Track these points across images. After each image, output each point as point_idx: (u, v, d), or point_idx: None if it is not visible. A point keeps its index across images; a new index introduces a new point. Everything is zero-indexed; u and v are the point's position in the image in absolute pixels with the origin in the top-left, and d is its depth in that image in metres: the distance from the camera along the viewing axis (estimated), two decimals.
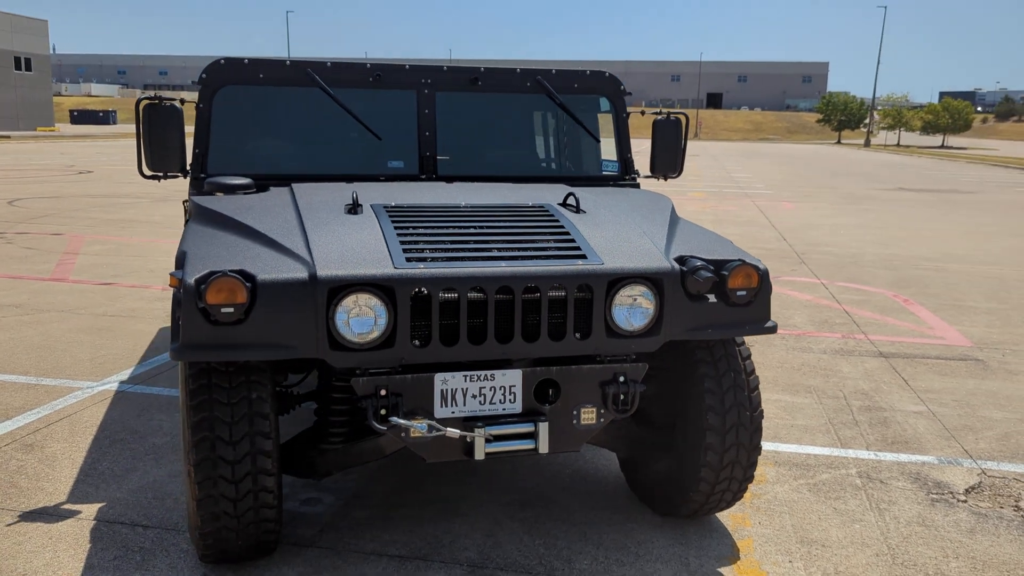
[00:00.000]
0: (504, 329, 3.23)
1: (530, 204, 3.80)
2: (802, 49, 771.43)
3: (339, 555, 3.56)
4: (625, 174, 4.83)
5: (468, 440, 3.23)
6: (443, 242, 3.34)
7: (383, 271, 3.08)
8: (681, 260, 3.46)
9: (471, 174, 4.57)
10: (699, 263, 3.42)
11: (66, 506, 3.91)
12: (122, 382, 5.67)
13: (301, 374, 3.78)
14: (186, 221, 3.84)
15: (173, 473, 4.29)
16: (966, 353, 7.05)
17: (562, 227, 3.55)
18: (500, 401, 3.30)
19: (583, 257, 3.33)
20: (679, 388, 3.72)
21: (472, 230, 3.45)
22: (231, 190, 3.99)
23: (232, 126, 4.32)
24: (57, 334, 6.81)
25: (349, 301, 3.05)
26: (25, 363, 6.02)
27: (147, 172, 4.08)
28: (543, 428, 3.27)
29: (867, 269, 11.07)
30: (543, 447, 3.28)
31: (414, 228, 3.43)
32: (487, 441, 3.25)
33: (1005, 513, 4.13)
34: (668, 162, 4.89)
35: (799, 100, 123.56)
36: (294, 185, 4.09)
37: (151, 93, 4.28)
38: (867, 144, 73.06)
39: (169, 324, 7.19)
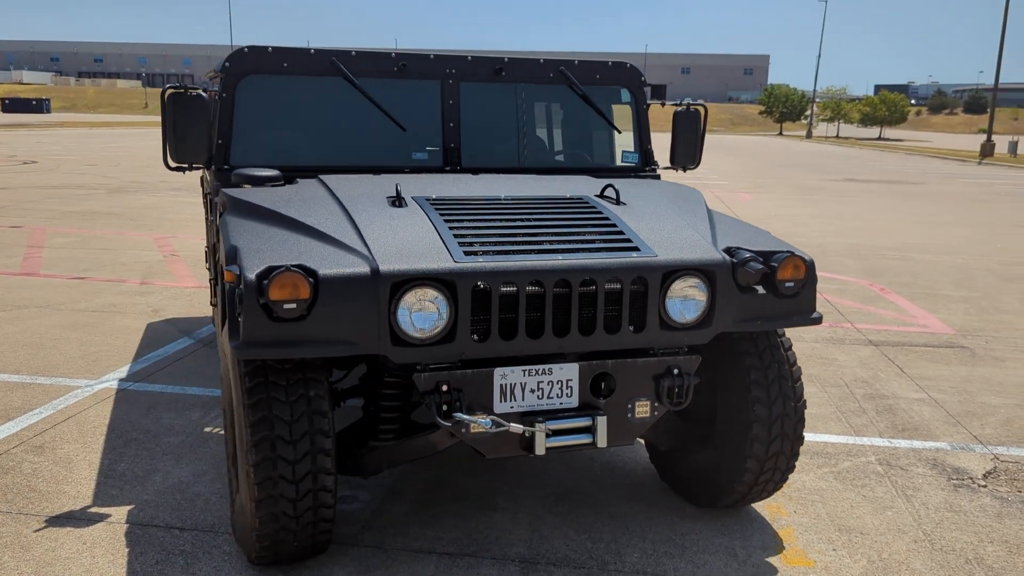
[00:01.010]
0: (558, 323, 3.20)
1: (568, 196, 3.77)
2: (744, 42, 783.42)
3: (387, 553, 3.50)
4: (645, 165, 4.83)
5: (527, 435, 3.20)
6: (494, 235, 3.29)
7: (444, 265, 3.03)
8: (730, 252, 3.46)
9: (494, 166, 4.52)
10: (748, 255, 3.43)
11: (93, 509, 3.77)
12: (121, 380, 5.49)
13: (345, 370, 3.70)
14: (219, 214, 3.72)
15: (197, 473, 4.17)
16: (951, 340, 7.23)
17: (607, 219, 3.53)
18: (557, 395, 3.28)
19: (635, 249, 3.31)
20: (723, 380, 3.73)
21: (519, 223, 3.41)
22: (260, 182, 3.88)
23: (255, 116, 4.20)
24: (41, 331, 6.57)
25: (411, 296, 3.00)
26: (14, 361, 5.80)
27: (172, 164, 3.94)
28: (601, 422, 3.25)
29: (835, 259, 11.28)
30: (601, 441, 3.26)
31: (462, 221, 3.37)
32: (546, 436, 3.22)
33: None
34: (688, 153, 4.90)
35: (741, 92, 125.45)
36: (324, 177, 3.99)
37: (175, 82, 4.14)
38: (809, 136, 74.53)
39: (156, 320, 6.99)
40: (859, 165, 34.70)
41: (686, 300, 3.33)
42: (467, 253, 3.13)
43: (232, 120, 4.11)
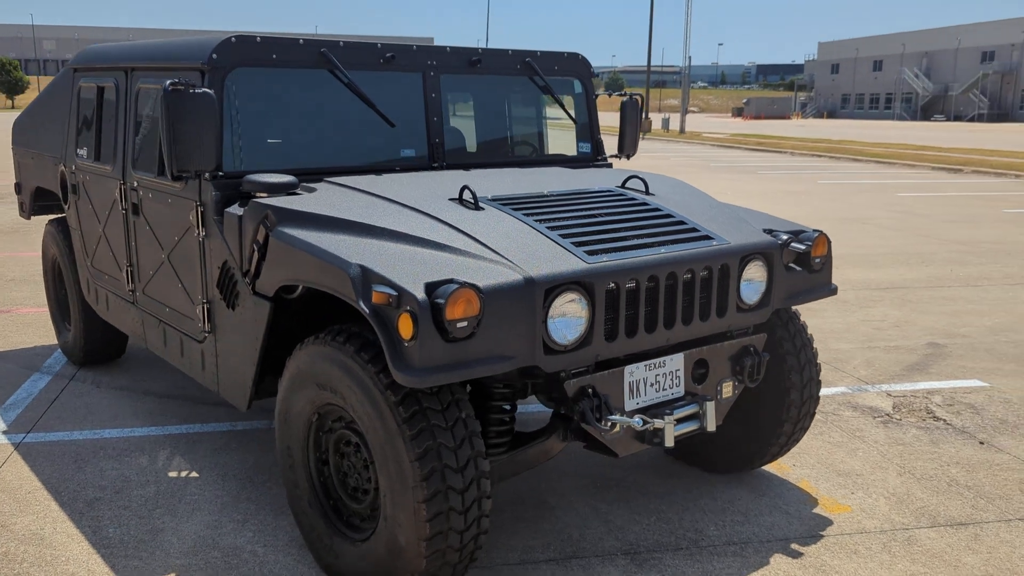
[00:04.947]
0: (668, 315, 3.28)
1: (597, 189, 3.82)
2: (409, 24, 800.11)
3: (493, 571, 3.36)
4: (597, 155, 4.95)
5: (656, 429, 3.24)
6: (587, 233, 3.28)
7: (581, 267, 2.99)
8: (770, 234, 3.74)
9: (475, 161, 4.41)
10: (786, 236, 3.74)
11: None
12: (4, 432, 4.57)
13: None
14: (264, 228, 3.22)
15: (210, 525, 3.65)
16: None
17: (660, 210, 3.64)
18: (669, 386, 3.36)
19: (709, 238, 3.47)
20: None
21: (592, 219, 3.41)
22: (277, 189, 3.47)
23: (246, 114, 3.71)
24: None
25: (559, 301, 2.93)
26: None
27: (175, 171, 3.36)
28: (709, 407, 3.38)
29: None
30: (710, 425, 3.39)
31: (548, 221, 3.31)
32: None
33: (935, 424, 5.02)
34: (632, 142, 5.09)
35: None
36: (336, 180, 3.67)
37: (175, 78, 3.52)
38: None
39: None
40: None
41: (752, 282, 3.56)
42: (589, 253, 3.10)
43: (221, 120, 3.60)
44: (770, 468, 4.36)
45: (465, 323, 2.68)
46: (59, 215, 5.63)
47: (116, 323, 4.82)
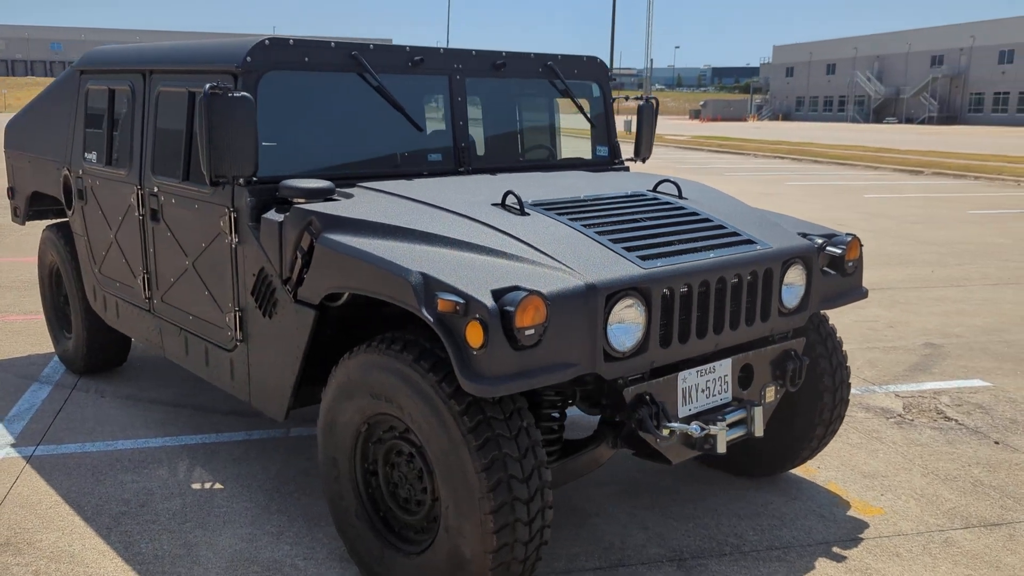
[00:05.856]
0: (717, 320, 3.27)
1: (630, 193, 3.80)
2: (366, 25, 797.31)
3: None
4: (614, 159, 4.93)
5: (709, 435, 3.22)
6: (632, 238, 3.26)
7: (638, 273, 2.97)
8: (805, 238, 3.75)
9: (499, 165, 4.37)
10: (821, 239, 3.76)
11: None
12: (14, 446, 4.41)
13: None
14: (309, 234, 3.14)
15: (245, 538, 3.56)
16: None
17: (699, 214, 3.63)
18: (718, 392, 3.35)
19: (751, 243, 3.47)
20: None
21: (636, 223, 3.39)
22: (315, 195, 3.40)
23: (279, 118, 3.62)
24: None
25: (618, 308, 2.90)
26: None
27: (213, 177, 3.26)
28: (757, 412, 3.37)
29: None
30: (758, 430, 3.38)
31: (595, 226, 3.28)
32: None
33: (948, 424, 5.08)
34: (647, 145, 5.09)
35: None
36: (370, 184, 3.62)
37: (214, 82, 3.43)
38: None
39: None
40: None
41: (792, 286, 3.57)
42: (642, 259, 3.07)
43: (256, 123, 3.51)
44: (797, 471, 4.37)
45: (533, 331, 2.64)
46: (58, 220, 5.47)
47: (127, 331, 4.68)
